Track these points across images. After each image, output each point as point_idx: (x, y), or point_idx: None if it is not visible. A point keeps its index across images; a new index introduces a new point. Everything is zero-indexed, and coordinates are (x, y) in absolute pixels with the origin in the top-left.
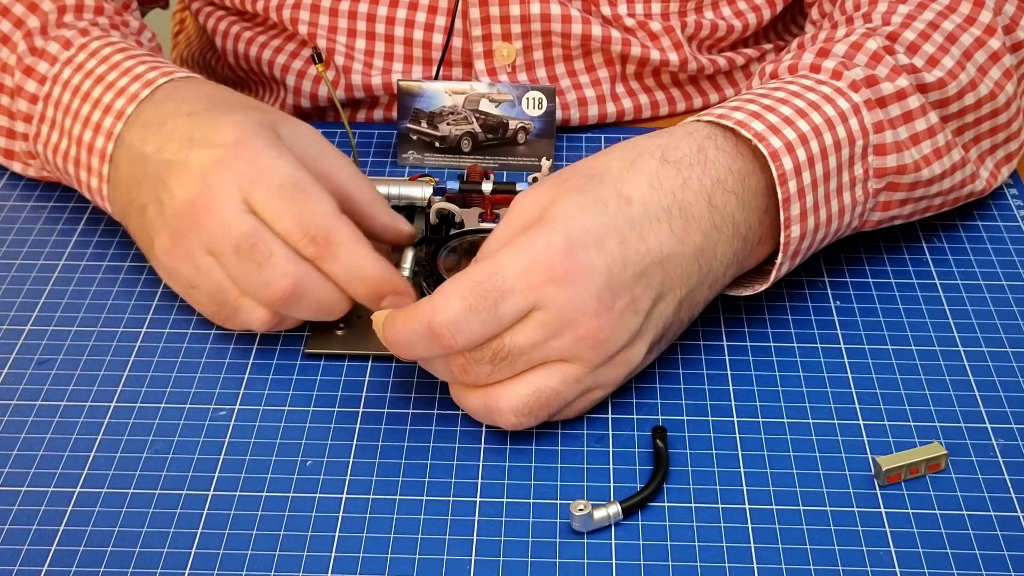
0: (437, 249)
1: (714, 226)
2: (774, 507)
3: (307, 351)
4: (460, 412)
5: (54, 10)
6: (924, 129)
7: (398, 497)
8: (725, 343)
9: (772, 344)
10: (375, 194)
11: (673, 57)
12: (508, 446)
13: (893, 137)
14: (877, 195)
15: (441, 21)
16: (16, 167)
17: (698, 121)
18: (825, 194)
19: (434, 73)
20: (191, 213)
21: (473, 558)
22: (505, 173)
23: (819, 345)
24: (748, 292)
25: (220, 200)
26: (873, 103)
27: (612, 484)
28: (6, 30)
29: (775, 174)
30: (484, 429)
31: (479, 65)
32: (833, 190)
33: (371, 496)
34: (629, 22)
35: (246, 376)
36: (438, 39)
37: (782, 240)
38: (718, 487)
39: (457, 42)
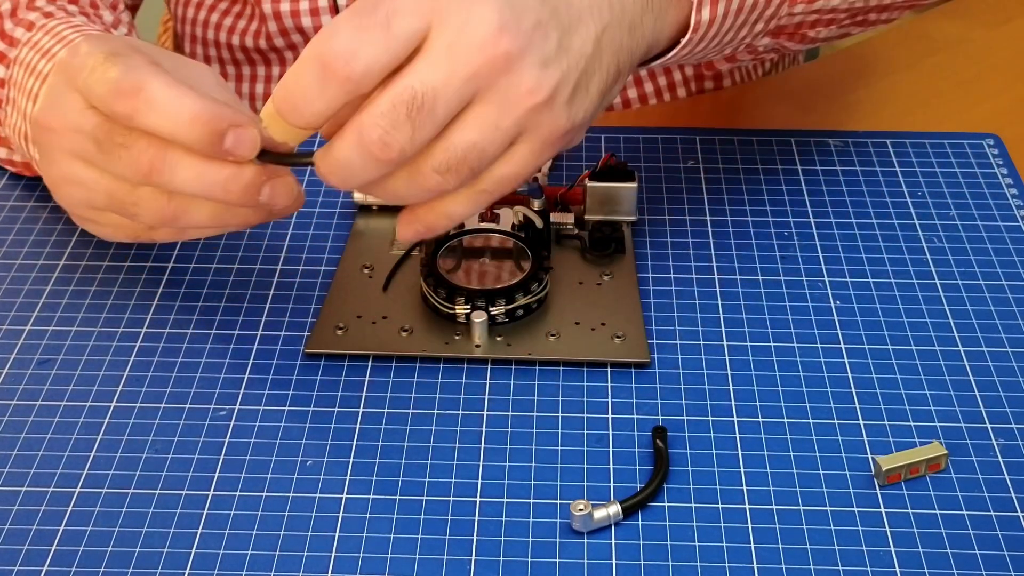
0: (436, 249)
1: None
2: (774, 507)
3: (307, 351)
4: (460, 412)
5: None
6: None
7: (398, 497)
8: (725, 343)
9: (772, 344)
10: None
11: None
12: (508, 446)
13: None
14: None
15: None
16: (2, 152)
17: None
18: None
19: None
20: (44, 126)
21: (473, 558)
22: None
23: (819, 345)
24: (676, 49)
25: (58, 102)
26: None
27: (612, 484)
28: None
29: None
30: (484, 429)
31: None
32: None
33: (371, 496)
34: None
35: (246, 376)
36: None
37: None
38: (718, 487)
39: None
